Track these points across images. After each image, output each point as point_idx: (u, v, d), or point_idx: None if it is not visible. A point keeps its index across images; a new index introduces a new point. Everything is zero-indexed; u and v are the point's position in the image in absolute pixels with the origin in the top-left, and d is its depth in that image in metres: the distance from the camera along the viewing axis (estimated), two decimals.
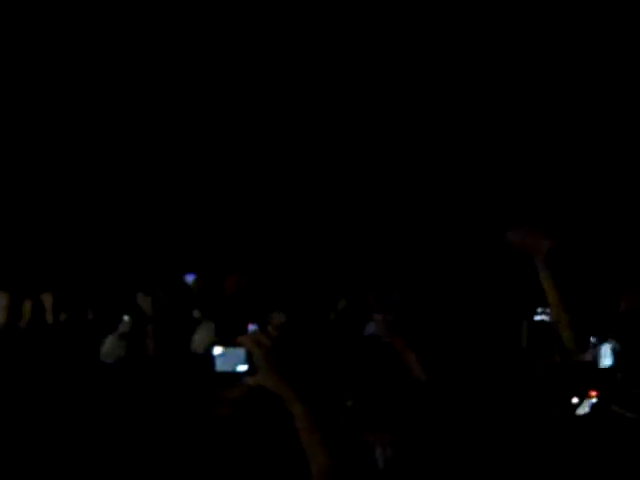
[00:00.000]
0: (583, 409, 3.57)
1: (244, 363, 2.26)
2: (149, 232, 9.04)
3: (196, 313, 6.14)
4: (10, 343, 4.87)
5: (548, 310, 4.99)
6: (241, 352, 2.27)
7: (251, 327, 4.98)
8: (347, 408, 3.06)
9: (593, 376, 4.13)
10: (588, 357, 4.31)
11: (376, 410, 3.18)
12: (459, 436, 2.99)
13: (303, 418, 2.20)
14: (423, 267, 7.71)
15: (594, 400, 3.63)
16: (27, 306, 5.49)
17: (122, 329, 4.95)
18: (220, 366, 2.29)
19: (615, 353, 4.39)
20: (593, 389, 3.70)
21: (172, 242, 8.90)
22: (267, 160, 9.20)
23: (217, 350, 2.30)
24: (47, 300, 5.80)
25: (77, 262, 8.56)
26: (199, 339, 4.39)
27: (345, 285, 6.20)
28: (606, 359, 4.41)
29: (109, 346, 4.43)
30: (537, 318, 4.83)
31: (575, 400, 3.62)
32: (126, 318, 6.09)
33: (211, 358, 2.31)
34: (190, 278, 5.88)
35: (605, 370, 4.20)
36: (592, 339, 4.48)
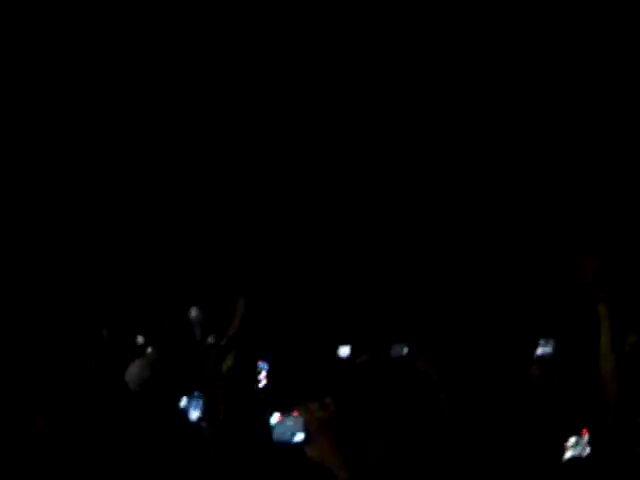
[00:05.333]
0: (577, 450, 3.48)
1: (301, 431, 2.24)
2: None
3: (140, 339, 6.12)
4: None
5: (550, 341, 5.14)
6: (299, 420, 2.25)
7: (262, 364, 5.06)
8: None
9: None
10: None
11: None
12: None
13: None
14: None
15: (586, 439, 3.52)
16: None
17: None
18: (277, 436, 2.26)
19: None
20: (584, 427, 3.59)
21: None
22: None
23: (275, 418, 2.32)
24: None
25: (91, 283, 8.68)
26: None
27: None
28: None
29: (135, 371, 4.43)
30: (539, 351, 4.96)
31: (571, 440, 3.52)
32: (140, 339, 6.21)
33: (269, 426, 2.32)
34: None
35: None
36: None
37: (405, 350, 4.41)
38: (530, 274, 8.06)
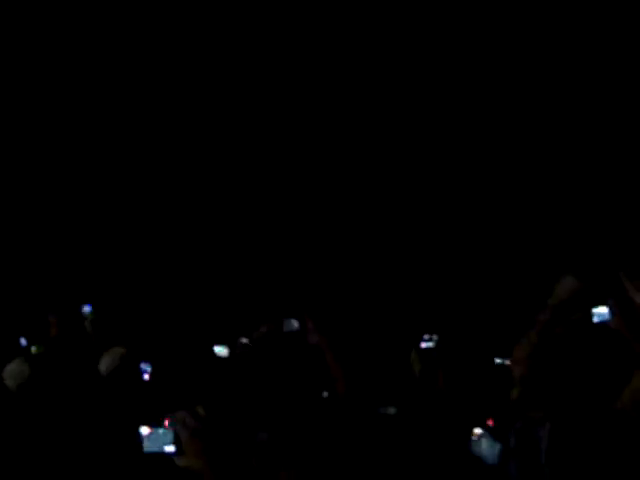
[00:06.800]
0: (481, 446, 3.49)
1: (171, 443, 2.29)
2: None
3: (23, 341, 6.11)
4: None
5: (434, 337, 5.21)
6: (168, 432, 2.29)
7: None
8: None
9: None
10: None
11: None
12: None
13: None
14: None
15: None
16: None
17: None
18: (148, 447, 2.31)
19: None
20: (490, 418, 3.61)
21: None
22: None
23: (144, 430, 2.32)
24: None
25: None
26: (106, 362, 4.45)
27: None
28: None
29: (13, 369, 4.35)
30: (423, 345, 5.03)
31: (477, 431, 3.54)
32: (23, 341, 6.08)
33: (139, 438, 2.32)
34: (87, 309, 5.89)
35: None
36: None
37: (296, 324, 4.43)
38: (417, 269, 8.19)
